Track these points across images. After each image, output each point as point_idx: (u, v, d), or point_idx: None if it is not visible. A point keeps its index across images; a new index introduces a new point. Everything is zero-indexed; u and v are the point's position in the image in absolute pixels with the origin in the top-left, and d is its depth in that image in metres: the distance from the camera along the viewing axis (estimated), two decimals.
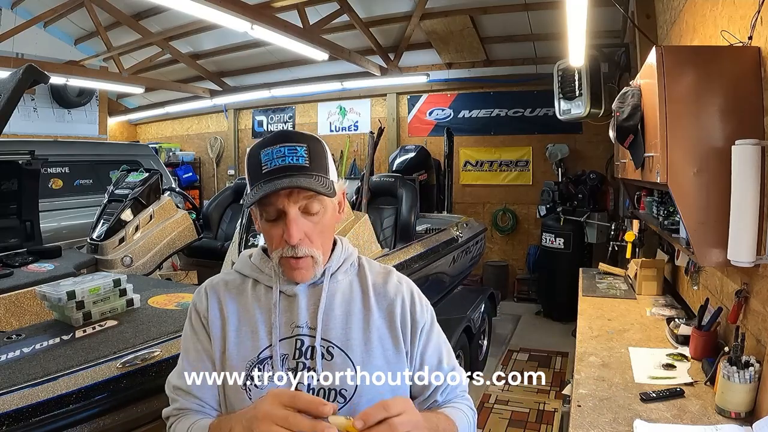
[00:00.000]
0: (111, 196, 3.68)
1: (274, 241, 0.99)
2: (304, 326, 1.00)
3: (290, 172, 0.95)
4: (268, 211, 0.98)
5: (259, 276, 1.07)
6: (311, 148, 0.99)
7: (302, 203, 0.97)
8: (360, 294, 1.06)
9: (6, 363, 1.59)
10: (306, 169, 0.96)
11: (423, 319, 1.06)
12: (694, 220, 1.65)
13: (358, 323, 1.02)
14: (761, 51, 1.57)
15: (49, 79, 2.43)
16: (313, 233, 0.99)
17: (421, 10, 5.39)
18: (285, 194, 0.95)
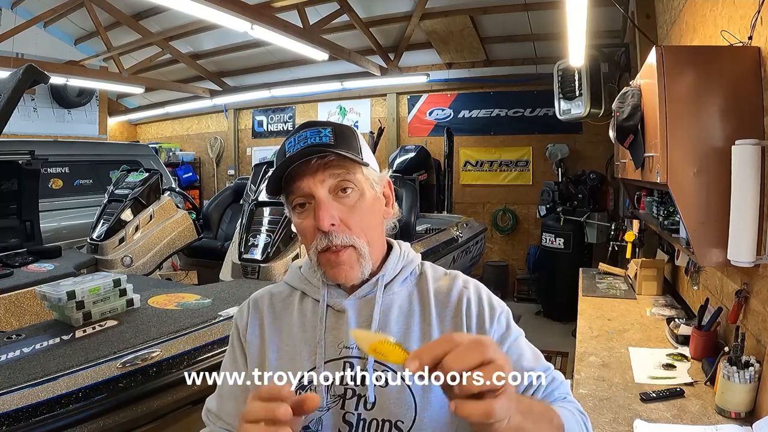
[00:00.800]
0: (111, 196, 3.69)
1: (307, 235, 0.86)
2: (353, 347, 0.86)
3: (312, 149, 0.83)
4: (296, 201, 0.86)
5: (307, 288, 0.94)
6: (337, 129, 0.88)
7: (331, 182, 0.84)
8: (419, 306, 0.90)
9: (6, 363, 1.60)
10: (330, 146, 0.84)
11: (496, 323, 0.88)
12: (694, 220, 1.65)
13: (416, 342, 0.86)
14: (761, 51, 1.57)
15: (49, 79, 2.43)
16: (350, 218, 0.84)
17: (421, 10, 5.39)
18: (310, 174, 0.83)
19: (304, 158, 0.82)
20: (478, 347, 0.53)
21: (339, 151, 0.83)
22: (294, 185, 0.85)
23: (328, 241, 0.83)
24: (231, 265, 2.95)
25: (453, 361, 0.52)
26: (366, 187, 0.87)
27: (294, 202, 0.87)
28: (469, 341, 0.54)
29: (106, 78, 6.74)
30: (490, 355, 0.53)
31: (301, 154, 0.83)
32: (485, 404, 0.53)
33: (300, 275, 0.97)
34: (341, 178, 0.84)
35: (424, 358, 0.53)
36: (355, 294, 0.90)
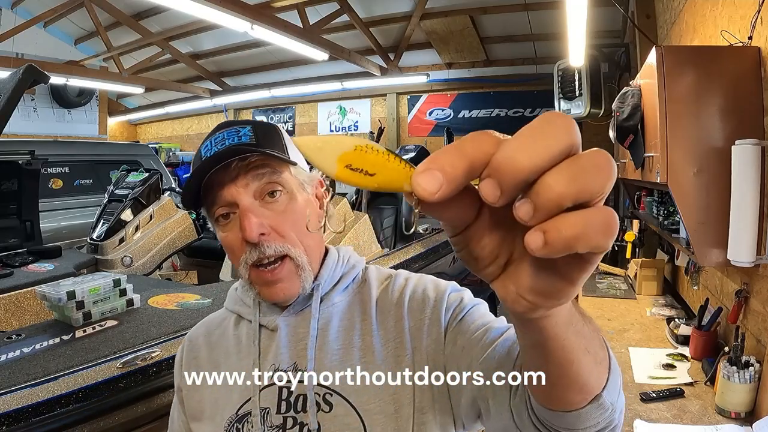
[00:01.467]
0: (111, 196, 3.69)
1: (235, 250, 0.75)
2: (289, 369, 0.76)
3: (228, 153, 0.73)
4: (217, 212, 0.76)
5: (242, 309, 0.85)
6: (258, 126, 0.78)
7: (255, 186, 0.74)
8: (360, 317, 0.79)
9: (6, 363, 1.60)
10: (252, 145, 0.74)
11: (445, 302, 0.76)
12: (694, 220, 1.65)
13: (357, 361, 0.75)
14: (761, 51, 1.57)
15: (49, 79, 2.43)
16: (282, 224, 0.74)
17: (421, 10, 5.39)
18: (230, 179, 0.73)
19: (222, 161, 0.73)
20: (546, 127, 0.28)
21: (262, 150, 0.74)
22: (213, 194, 0.75)
23: (259, 253, 0.73)
24: (231, 265, 2.95)
25: (519, 156, 0.27)
26: (296, 189, 0.77)
27: (216, 214, 0.76)
28: (531, 125, 0.29)
29: (106, 78, 6.74)
30: (575, 139, 0.28)
31: (217, 157, 0.73)
32: (598, 214, 0.28)
33: (235, 296, 0.87)
34: (267, 180, 0.74)
35: (455, 165, 0.28)
36: (289, 309, 0.80)
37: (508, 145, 0.28)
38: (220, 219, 0.76)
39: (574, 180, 0.27)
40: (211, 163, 0.73)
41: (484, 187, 0.28)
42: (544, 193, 0.27)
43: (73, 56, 6.86)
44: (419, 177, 0.29)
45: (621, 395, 0.53)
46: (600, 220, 0.28)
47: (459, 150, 0.29)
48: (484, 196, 0.28)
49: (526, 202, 0.27)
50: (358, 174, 0.31)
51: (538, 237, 0.27)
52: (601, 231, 0.27)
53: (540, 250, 0.27)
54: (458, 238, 0.35)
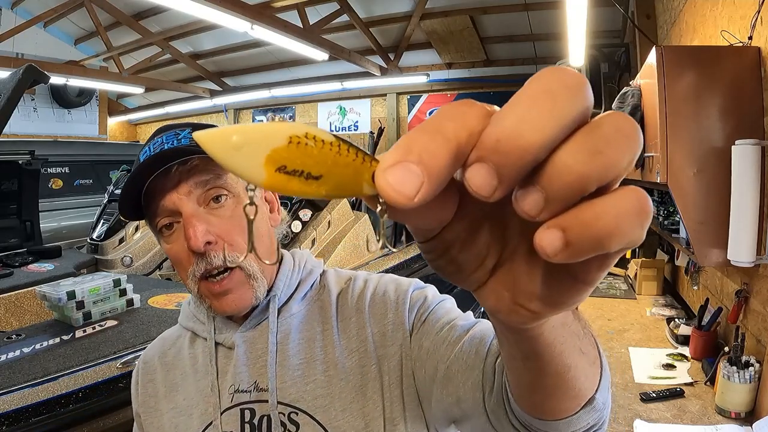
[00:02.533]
0: (111, 196, 3.69)
1: (182, 261, 0.70)
2: (250, 389, 0.71)
3: (167, 156, 0.69)
4: (160, 222, 0.70)
5: (196, 326, 0.79)
6: (198, 128, 0.72)
7: (198, 192, 0.69)
8: (320, 326, 0.74)
9: (6, 363, 1.60)
10: (191, 148, 0.69)
11: (408, 301, 0.72)
12: (694, 220, 1.65)
13: (321, 370, 0.71)
14: (761, 51, 1.57)
15: (49, 79, 2.43)
16: (230, 231, 0.69)
17: (421, 10, 5.39)
18: (171, 186, 0.68)
19: (161, 166, 0.68)
20: (554, 86, 0.21)
21: (199, 149, 0.68)
22: (155, 204, 0.70)
23: (206, 264, 0.68)
24: None
25: (524, 129, 0.20)
26: (243, 193, 0.73)
27: (159, 225, 0.71)
28: (531, 86, 0.21)
29: (106, 78, 6.74)
30: (589, 100, 0.22)
31: (155, 160, 0.68)
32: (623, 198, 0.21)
33: (189, 312, 0.81)
34: (210, 186, 0.69)
35: (436, 152, 0.21)
36: (245, 324, 0.74)
37: (504, 115, 0.21)
38: (163, 230, 0.71)
39: (597, 155, 0.20)
40: (149, 168, 0.68)
41: (476, 176, 0.21)
42: (560, 175, 0.20)
43: (73, 56, 6.86)
44: (388, 175, 0.21)
45: (610, 391, 0.50)
46: (633, 205, 0.21)
47: (438, 130, 0.21)
48: (475, 188, 0.21)
49: (532, 191, 0.21)
50: (297, 179, 0.21)
51: (556, 237, 0.20)
52: (637, 220, 0.21)
53: (560, 254, 0.21)
54: (431, 243, 0.27)
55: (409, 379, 0.69)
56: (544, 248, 0.21)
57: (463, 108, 0.22)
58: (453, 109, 0.22)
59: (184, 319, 0.82)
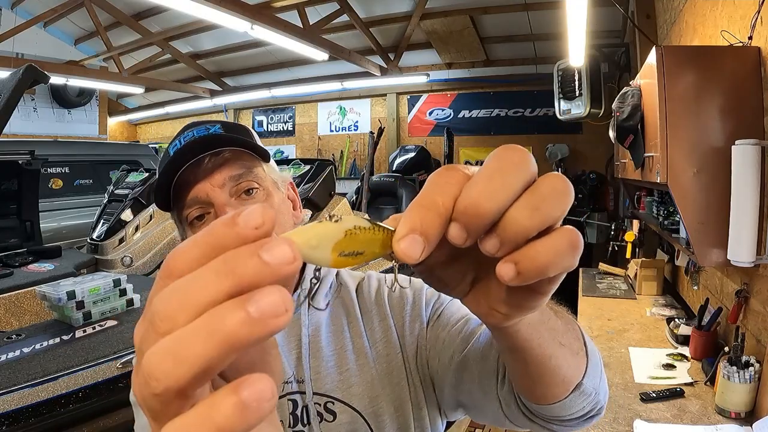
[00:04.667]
0: (111, 196, 3.69)
1: None
2: (292, 381, 0.73)
3: (199, 147, 0.70)
4: (191, 214, 0.71)
5: None
6: (227, 125, 0.76)
7: (231, 185, 0.70)
8: (346, 320, 0.78)
9: (6, 363, 1.60)
10: (223, 138, 0.73)
11: (424, 297, 0.78)
12: (694, 220, 1.65)
13: (352, 362, 0.74)
14: (761, 51, 1.57)
15: (49, 79, 2.43)
16: None
17: (421, 10, 5.39)
18: (204, 177, 0.70)
19: (194, 155, 0.69)
20: (504, 165, 0.29)
21: (239, 138, 0.71)
22: (186, 195, 0.70)
23: None
24: None
25: (482, 201, 0.28)
26: (271, 187, 0.75)
27: (190, 217, 0.71)
28: (488, 165, 0.30)
29: (106, 78, 6.74)
30: (532, 169, 0.30)
31: (189, 148, 0.69)
32: (562, 236, 0.29)
33: None
34: (243, 179, 0.71)
35: (432, 224, 0.28)
36: None
37: (470, 188, 0.28)
38: (194, 222, 0.71)
39: (537, 210, 0.28)
40: (182, 157, 0.69)
41: (452, 231, 0.28)
42: (510, 228, 0.28)
43: (73, 56, 6.86)
44: (402, 244, 0.28)
45: (603, 378, 0.58)
46: (566, 242, 0.29)
47: (432, 204, 0.29)
48: (451, 239, 0.28)
49: (492, 238, 0.29)
50: (350, 257, 0.30)
51: (510, 269, 0.28)
52: (569, 252, 0.29)
53: (513, 281, 0.29)
54: (422, 266, 0.34)
55: (424, 368, 0.74)
56: (502, 276, 0.29)
57: (448, 179, 0.29)
58: (441, 180, 0.29)
59: None
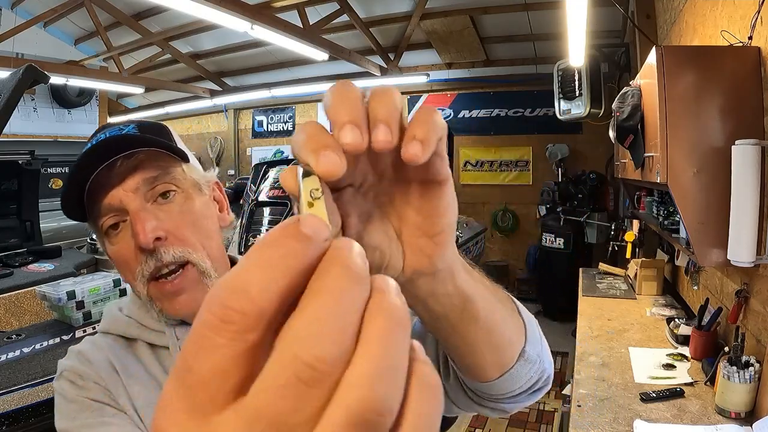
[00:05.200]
0: None
1: (129, 262, 0.66)
2: None
3: (111, 149, 0.65)
4: (106, 223, 0.66)
5: (142, 333, 0.71)
6: (142, 125, 0.71)
7: (146, 189, 0.66)
8: None
9: (6, 363, 1.60)
10: (137, 138, 0.67)
11: None
12: (694, 220, 1.65)
13: None
14: (761, 51, 1.57)
15: (49, 79, 2.43)
16: (180, 226, 0.66)
17: (421, 10, 5.39)
18: (116, 182, 0.64)
19: (105, 158, 0.63)
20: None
21: (153, 139, 0.66)
22: (99, 202, 0.65)
23: (156, 262, 0.64)
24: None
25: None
26: (191, 189, 0.70)
27: (105, 226, 0.66)
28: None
29: (106, 78, 6.73)
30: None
31: (100, 151, 0.64)
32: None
33: (126, 319, 0.72)
34: (158, 182, 0.67)
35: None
36: None
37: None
38: (109, 231, 0.67)
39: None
40: (92, 161, 0.63)
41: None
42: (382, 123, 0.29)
43: (73, 56, 6.86)
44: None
45: (545, 346, 0.55)
46: (424, 110, 0.31)
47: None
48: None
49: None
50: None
51: (415, 144, 0.29)
52: (431, 113, 0.31)
53: (422, 151, 0.29)
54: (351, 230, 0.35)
55: None
56: (414, 154, 0.29)
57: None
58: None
59: (119, 327, 0.72)
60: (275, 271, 0.19)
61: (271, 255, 0.20)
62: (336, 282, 0.19)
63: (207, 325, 0.18)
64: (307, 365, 0.18)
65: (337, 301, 0.19)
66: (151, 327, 0.71)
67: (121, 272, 0.69)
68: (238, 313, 0.18)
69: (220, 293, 0.19)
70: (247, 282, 0.19)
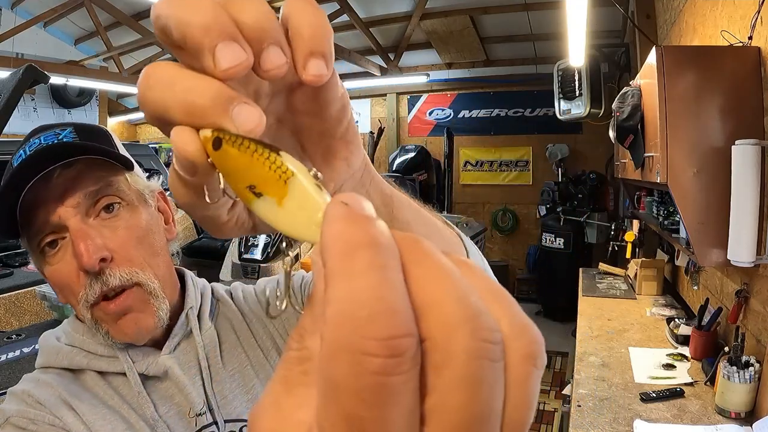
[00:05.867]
0: None
1: (71, 285, 0.60)
2: (205, 411, 0.63)
3: (47, 158, 0.58)
4: (43, 241, 0.60)
5: (94, 362, 0.64)
6: (81, 128, 0.65)
7: (88, 204, 0.59)
8: (234, 333, 0.70)
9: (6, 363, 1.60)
10: (76, 145, 0.61)
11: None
12: (694, 220, 1.65)
13: (253, 374, 0.68)
14: (761, 51, 1.57)
15: (49, 79, 2.43)
16: (126, 245, 0.61)
17: (421, 10, 5.39)
18: (55, 197, 0.58)
19: (40, 168, 0.57)
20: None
21: (92, 145, 0.60)
22: (35, 219, 0.59)
23: (101, 285, 0.58)
24: (231, 265, 2.95)
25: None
26: (137, 201, 0.64)
27: (42, 244, 0.60)
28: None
29: (106, 78, 6.74)
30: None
31: (34, 160, 0.57)
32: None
33: (68, 349, 0.65)
34: (101, 194, 0.60)
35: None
36: (169, 345, 0.65)
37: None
38: (46, 249, 0.60)
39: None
40: (26, 172, 0.56)
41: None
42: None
43: (73, 56, 6.86)
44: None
45: (488, 268, 0.55)
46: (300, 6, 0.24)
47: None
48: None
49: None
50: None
51: (316, 62, 0.24)
52: (307, 8, 0.24)
53: (323, 69, 0.24)
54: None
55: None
56: (316, 74, 0.24)
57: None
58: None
59: (63, 359, 0.65)
60: (393, 273, 0.16)
61: (374, 259, 0.16)
62: (444, 264, 0.17)
63: (379, 369, 0.14)
64: (486, 340, 0.16)
65: (461, 282, 0.16)
66: (100, 353, 0.64)
67: (61, 295, 0.63)
68: (404, 337, 0.15)
69: (361, 328, 0.15)
70: (387, 299, 0.15)
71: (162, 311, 0.63)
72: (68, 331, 0.67)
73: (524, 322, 0.18)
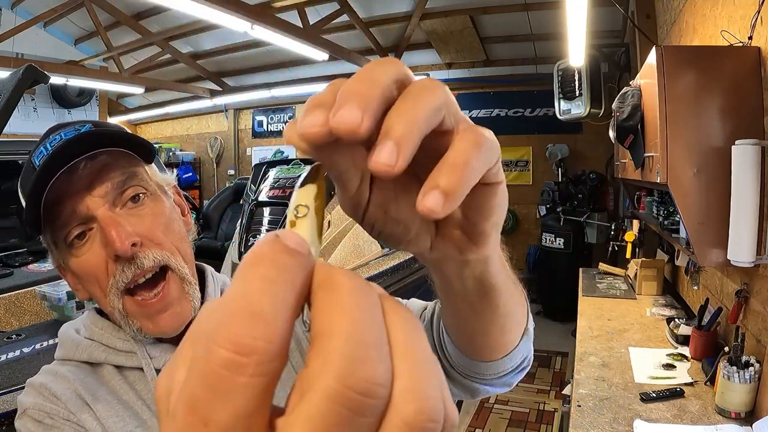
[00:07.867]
0: None
1: (98, 275, 0.61)
2: None
3: (71, 150, 0.59)
4: (71, 233, 0.60)
5: (110, 356, 0.65)
6: (99, 124, 0.67)
7: (114, 194, 0.61)
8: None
9: (6, 363, 1.60)
10: (98, 137, 0.62)
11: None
12: (694, 220, 1.65)
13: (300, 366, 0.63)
14: (761, 51, 1.57)
15: (49, 79, 2.43)
16: (155, 230, 0.62)
17: (421, 10, 5.39)
18: (82, 188, 0.59)
19: (66, 163, 0.58)
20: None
21: (119, 133, 0.62)
22: (61, 211, 0.59)
23: (135, 269, 0.59)
24: (231, 265, 2.95)
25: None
26: (159, 191, 0.66)
27: (69, 237, 0.61)
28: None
29: (106, 78, 6.73)
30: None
31: (59, 154, 0.58)
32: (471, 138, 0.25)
33: (87, 342, 0.67)
34: (128, 185, 0.62)
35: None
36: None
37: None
38: (74, 242, 0.61)
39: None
40: (52, 166, 0.57)
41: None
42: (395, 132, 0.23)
43: (73, 56, 6.86)
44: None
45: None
46: (470, 143, 0.25)
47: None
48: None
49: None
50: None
51: (435, 195, 0.23)
52: (477, 151, 0.25)
53: (443, 207, 0.23)
54: (367, 217, 0.31)
55: None
56: (431, 209, 0.23)
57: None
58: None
59: (83, 352, 0.66)
60: (281, 289, 0.17)
61: (267, 272, 0.17)
62: (351, 297, 0.17)
63: (222, 363, 0.16)
64: (359, 392, 0.15)
65: (365, 316, 0.17)
66: (119, 348, 0.65)
67: (87, 287, 0.64)
68: (259, 341, 0.16)
69: (224, 322, 0.16)
70: (255, 304, 0.16)
71: (195, 299, 0.64)
72: (87, 324, 0.69)
73: (424, 391, 0.17)
